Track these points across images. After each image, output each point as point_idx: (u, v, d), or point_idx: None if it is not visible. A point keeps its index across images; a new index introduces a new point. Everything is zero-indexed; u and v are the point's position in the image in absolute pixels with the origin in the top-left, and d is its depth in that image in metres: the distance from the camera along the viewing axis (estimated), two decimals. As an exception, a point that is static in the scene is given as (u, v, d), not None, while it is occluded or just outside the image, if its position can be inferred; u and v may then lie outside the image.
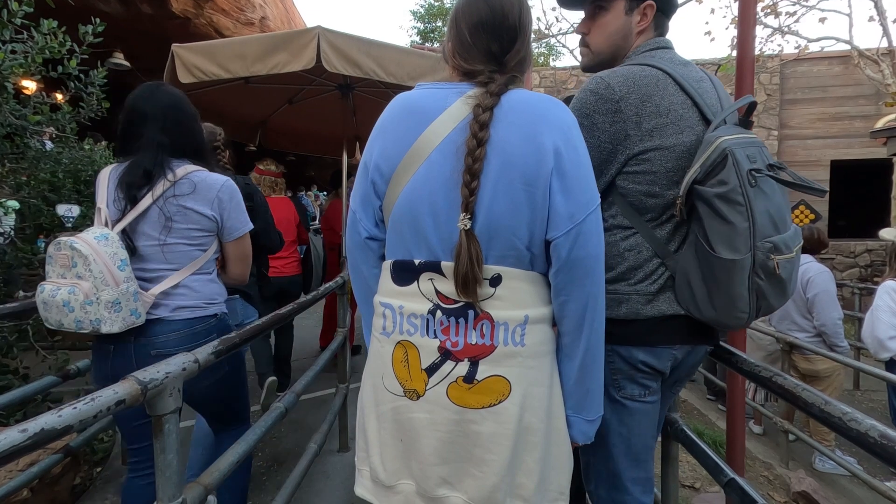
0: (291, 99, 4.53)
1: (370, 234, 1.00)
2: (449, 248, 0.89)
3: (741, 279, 0.98)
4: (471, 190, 0.86)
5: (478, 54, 0.93)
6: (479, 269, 0.86)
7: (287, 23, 8.31)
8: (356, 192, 1.00)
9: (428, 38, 18.92)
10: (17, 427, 0.67)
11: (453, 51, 0.97)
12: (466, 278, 0.86)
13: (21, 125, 2.55)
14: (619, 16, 1.19)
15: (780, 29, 8.62)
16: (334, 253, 4.18)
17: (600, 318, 0.93)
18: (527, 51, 0.97)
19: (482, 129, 0.86)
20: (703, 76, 1.13)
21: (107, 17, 3.45)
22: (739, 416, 1.72)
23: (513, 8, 0.93)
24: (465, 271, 0.85)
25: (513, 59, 0.94)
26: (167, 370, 0.95)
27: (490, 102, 0.88)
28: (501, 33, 0.93)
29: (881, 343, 2.91)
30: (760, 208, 0.96)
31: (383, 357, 0.96)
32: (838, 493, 3.05)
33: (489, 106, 0.87)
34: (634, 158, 1.06)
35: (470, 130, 0.87)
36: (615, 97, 1.04)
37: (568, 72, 10.86)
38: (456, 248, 0.87)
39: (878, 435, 0.73)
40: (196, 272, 1.46)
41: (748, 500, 1.13)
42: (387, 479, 0.96)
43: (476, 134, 0.86)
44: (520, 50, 0.95)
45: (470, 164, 0.86)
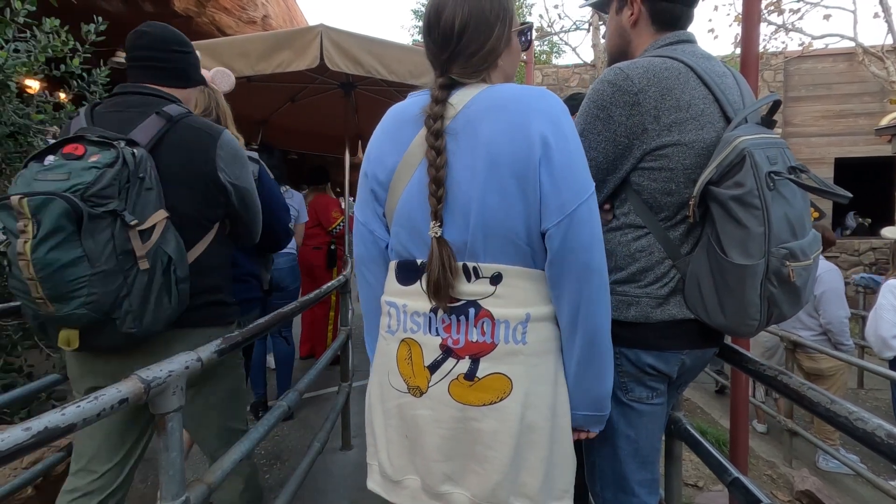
0: (293, 97, 4.53)
1: (385, 241, 1.02)
2: None
3: (753, 286, 0.94)
4: (438, 198, 0.88)
5: (431, 59, 0.96)
6: (451, 275, 0.88)
7: (289, 21, 8.30)
8: (363, 208, 1.01)
9: (430, 36, 18.82)
10: (21, 425, 0.67)
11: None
12: (438, 285, 0.87)
13: (24, 124, 2.55)
14: (613, 15, 1.20)
15: (784, 26, 8.57)
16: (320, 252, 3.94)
17: (598, 314, 0.90)
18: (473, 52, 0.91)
19: (437, 139, 0.88)
20: (726, 71, 1.09)
21: (109, 15, 3.46)
22: (743, 414, 1.71)
23: (444, 10, 0.91)
24: (436, 278, 0.87)
25: (445, 63, 0.93)
26: (170, 369, 0.95)
27: (438, 110, 0.89)
28: (438, 38, 0.93)
29: (885, 342, 2.92)
30: (778, 213, 0.92)
31: (388, 354, 0.97)
32: (842, 491, 3.04)
33: (439, 114, 0.88)
34: (651, 154, 1.02)
35: (427, 142, 0.89)
36: (634, 89, 1.00)
37: (570, 69, 10.83)
38: (428, 256, 0.89)
39: (885, 434, 0.72)
40: None
41: (752, 498, 1.12)
42: (394, 475, 0.98)
43: (432, 144, 0.88)
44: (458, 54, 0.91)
45: (433, 173, 0.87)
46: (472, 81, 0.93)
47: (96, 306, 1.04)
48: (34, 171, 1.05)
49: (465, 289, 0.90)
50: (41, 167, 1.05)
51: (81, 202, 1.01)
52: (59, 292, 1.01)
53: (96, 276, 1.03)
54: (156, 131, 1.22)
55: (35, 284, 0.99)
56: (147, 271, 1.11)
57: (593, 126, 1.05)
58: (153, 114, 1.24)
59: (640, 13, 1.14)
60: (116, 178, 1.06)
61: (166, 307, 1.16)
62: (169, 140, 1.24)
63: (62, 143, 1.09)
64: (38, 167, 1.05)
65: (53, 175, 1.03)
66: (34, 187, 1.01)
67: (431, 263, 0.88)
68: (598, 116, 1.04)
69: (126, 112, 1.26)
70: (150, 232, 1.12)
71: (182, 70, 1.39)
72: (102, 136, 1.10)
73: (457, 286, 0.90)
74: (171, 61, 1.36)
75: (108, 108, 1.28)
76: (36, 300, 1.02)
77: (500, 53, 0.95)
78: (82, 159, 1.06)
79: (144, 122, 1.22)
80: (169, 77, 1.36)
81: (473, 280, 0.90)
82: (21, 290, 1.03)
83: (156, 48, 1.33)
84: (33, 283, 1.00)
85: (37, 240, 0.98)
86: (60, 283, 1.00)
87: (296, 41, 2.93)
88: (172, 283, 1.17)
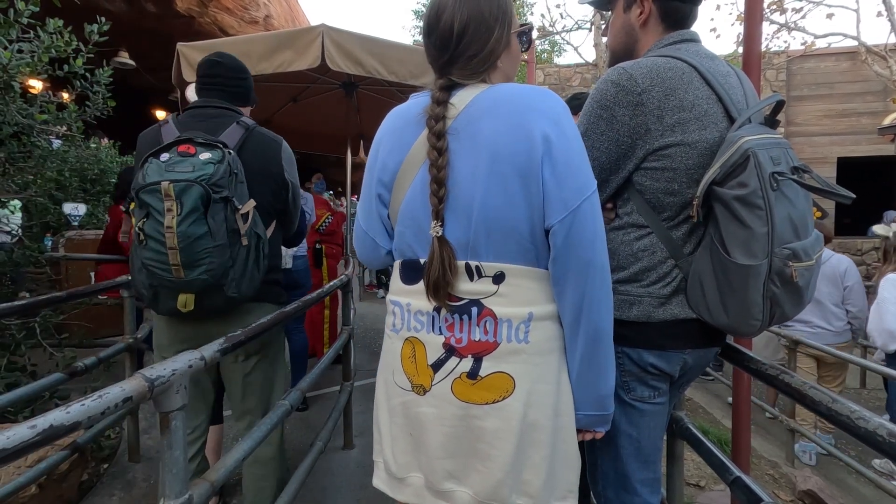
0: (295, 97, 4.54)
1: (389, 249, 1.04)
2: None
3: (756, 286, 0.94)
4: (439, 198, 0.89)
5: (431, 62, 0.98)
6: (451, 275, 0.88)
7: (291, 21, 8.31)
8: (366, 213, 1.02)
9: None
10: (26, 423, 0.68)
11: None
12: (437, 284, 0.88)
13: (28, 124, 2.56)
14: (619, 13, 1.19)
15: (787, 25, 8.55)
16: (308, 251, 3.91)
17: (601, 310, 0.90)
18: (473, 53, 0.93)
19: (439, 139, 0.89)
20: (730, 71, 1.09)
21: (112, 15, 3.47)
22: (745, 414, 1.71)
23: (444, 13, 0.92)
24: (436, 277, 0.88)
25: (445, 65, 0.94)
26: (174, 367, 0.95)
27: (439, 112, 0.90)
28: (437, 41, 0.94)
29: (892, 334, 2.93)
30: (781, 213, 0.92)
31: (393, 353, 0.98)
32: (844, 491, 3.04)
33: (440, 115, 0.90)
34: (654, 154, 1.02)
35: (428, 142, 0.90)
36: (637, 89, 1.00)
37: (572, 69, 10.82)
38: (428, 255, 0.90)
39: (887, 433, 0.72)
40: None
41: (754, 498, 1.12)
42: (398, 472, 0.99)
43: (434, 145, 0.89)
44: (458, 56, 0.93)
45: (435, 173, 0.89)
46: (472, 82, 0.93)
47: (214, 273, 1.30)
48: (161, 164, 1.28)
49: (468, 288, 0.90)
50: (165, 161, 1.28)
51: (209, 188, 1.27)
52: (190, 259, 1.26)
53: (217, 248, 1.30)
54: (239, 137, 1.51)
55: (175, 253, 1.25)
56: (246, 247, 1.39)
57: (596, 126, 1.05)
58: (234, 123, 1.53)
59: (650, 12, 1.13)
60: (225, 172, 1.32)
61: (256, 278, 1.45)
62: (248, 145, 1.53)
63: (174, 144, 1.33)
64: (162, 162, 1.28)
65: (181, 167, 1.27)
66: (168, 177, 1.26)
67: (432, 263, 0.89)
68: (602, 116, 1.04)
69: (208, 122, 1.52)
70: (247, 216, 1.38)
71: (246, 92, 1.70)
72: (206, 138, 1.36)
73: (459, 285, 0.90)
74: (239, 86, 1.66)
75: (190, 118, 1.53)
76: (172, 266, 1.26)
77: (499, 55, 0.96)
78: (195, 156, 1.30)
79: (228, 129, 1.51)
80: (235, 98, 1.65)
81: (476, 279, 0.90)
82: (157, 261, 1.26)
83: (227, 75, 1.63)
84: (174, 252, 1.24)
85: (181, 216, 1.24)
86: (192, 252, 1.26)
87: (297, 41, 2.94)
88: (261, 258, 1.46)
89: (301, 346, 3.33)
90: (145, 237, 1.24)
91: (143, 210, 1.26)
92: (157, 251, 1.25)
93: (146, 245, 1.25)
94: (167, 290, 1.33)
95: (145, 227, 1.25)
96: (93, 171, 4.48)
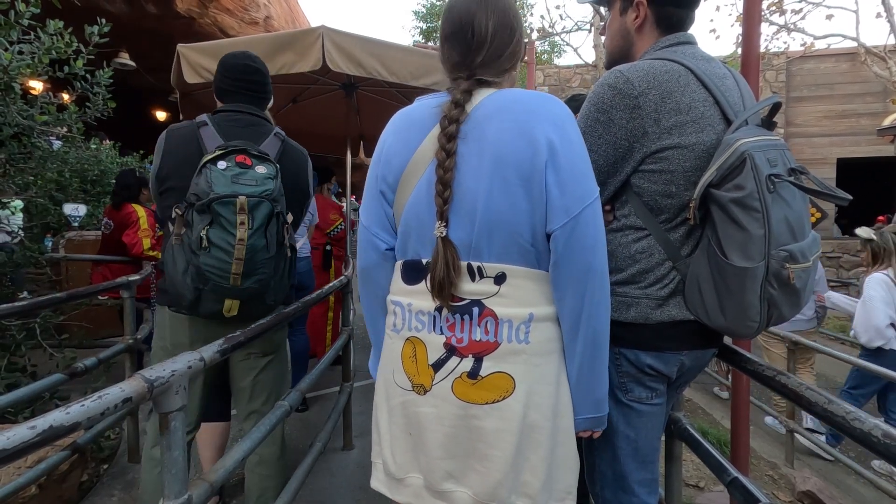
0: (295, 98, 4.54)
1: (390, 246, 1.02)
2: None
3: (753, 288, 0.94)
4: (444, 199, 0.89)
5: (448, 62, 0.99)
6: (455, 275, 0.89)
7: (291, 22, 8.32)
8: (368, 210, 1.02)
9: (430, 37, 18.88)
10: (25, 424, 0.68)
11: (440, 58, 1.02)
12: (442, 284, 0.89)
13: (28, 125, 2.57)
14: (616, 16, 1.20)
15: (787, 26, 8.56)
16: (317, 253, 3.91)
17: (600, 315, 0.91)
18: (499, 56, 0.96)
19: (449, 141, 0.89)
20: (727, 73, 1.09)
21: (112, 17, 3.48)
22: (744, 415, 1.71)
23: (475, 17, 0.94)
24: (440, 277, 0.88)
25: (477, 66, 0.96)
26: (173, 368, 0.95)
27: (456, 114, 0.90)
28: (465, 42, 0.95)
29: (880, 331, 3.09)
30: (778, 215, 0.93)
31: (394, 353, 0.99)
32: (844, 492, 3.04)
33: (455, 117, 0.90)
34: (651, 156, 1.02)
35: (438, 143, 0.90)
36: (634, 92, 1.00)
37: (572, 70, 10.83)
38: (433, 255, 0.90)
39: (882, 434, 0.73)
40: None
41: (752, 499, 1.12)
42: (397, 472, 0.99)
43: (444, 146, 0.89)
44: (490, 57, 0.95)
45: (441, 174, 0.89)
46: (499, 81, 0.96)
47: (263, 282, 1.37)
48: (225, 174, 1.32)
49: (470, 288, 0.91)
50: (225, 171, 1.33)
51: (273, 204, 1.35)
52: (249, 269, 1.33)
53: (270, 259, 1.37)
54: (277, 149, 1.57)
55: (240, 263, 1.31)
56: (287, 258, 1.46)
57: (594, 129, 1.05)
58: (272, 134, 1.58)
59: (645, 16, 1.14)
60: (279, 187, 1.39)
61: (287, 286, 1.52)
62: (284, 158, 1.59)
63: (232, 153, 1.37)
64: (223, 171, 1.33)
65: (245, 180, 1.33)
66: (237, 189, 1.31)
67: (436, 263, 0.89)
68: (599, 119, 1.05)
69: (246, 129, 1.56)
70: (289, 228, 1.46)
71: (269, 97, 1.73)
72: (259, 151, 1.42)
73: (461, 285, 0.91)
74: (268, 91, 1.71)
75: (230, 123, 1.56)
76: (233, 275, 1.32)
77: (520, 56, 1.00)
78: (252, 169, 1.36)
79: (267, 140, 1.56)
80: (263, 101, 1.69)
81: (478, 279, 0.91)
82: (219, 268, 1.31)
83: (261, 81, 1.67)
84: (239, 262, 1.31)
85: (253, 230, 1.31)
86: (253, 262, 1.33)
87: (298, 43, 2.94)
88: (293, 268, 1.54)
89: (302, 346, 3.34)
90: (209, 244, 1.29)
91: (207, 217, 1.29)
92: (222, 259, 1.30)
93: (209, 252, 1.30)
94: (215, 295, 1.37)
95: (210, 234, 1.29)
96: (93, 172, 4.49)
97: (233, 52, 1.66)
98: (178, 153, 1.49)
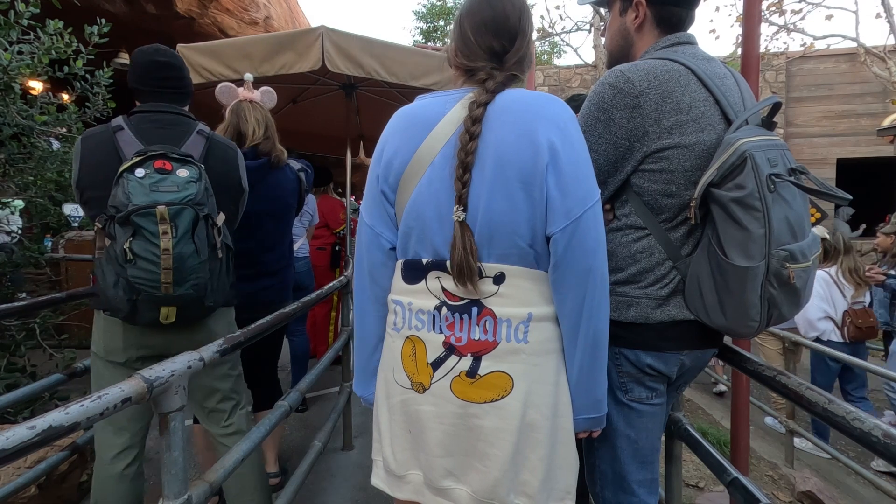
0: (295, 99, 4.54)
1: (394, 244, 1.01)
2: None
3: (753, 287, 0.94)
4: (463, 182, 0.88)
5: (480, 52, 0.96)
6: (473, 259, 0.88)
7: (291, 22, 8.32)
8: (370, 209, 1.01)
9: (430, 37, 18.90)
10: (25, 424, 0.68)
11: (456, 50, 0.99)
12: (461, 268, 0.88)
13: (28, 125, 2.56)
14: (615, 17, 1.20)
15: (786, 26, 8.57)
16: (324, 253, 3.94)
17: (600, 318, 0.91)
18: (526, 51, 0.99)
19: (474, 124, 0.88)
20: (727, 73, 1.09)
21: (112, 16, 3.48)
22: (744, 415, 1.71)
23: (514, 10, 0.95)
24: (459, 261, 0.88)
25: (512, 58, 0.96)
26: (172, 368, 0.96)
27: (485, 98, 0.90)
28: (503, 33, 0.95)
29: (811, 322, 3.47)
30: (778, 215, 0.93)
31: (393, 351, 0.99)
32: (844, 492, 3.04)
33: (483, 102, 0.90)
34: (652, 156, 1.02)
35: (463, 125, 0.90)
36: (634, 92, 1.01)
37: (572, 70, 10.82)
38: (451, 240, 0.89)
39: (882, 434, 0.73)
40: None
41: (752, 499, 1.12)
42: (397, 469, 0.99)
43: (468, 128, 0.89)
44: (519, 49, 0.97)
45: (462, 157, 0.88)
46: (522, 80, 0.98)
47: (199, 287, 1.34)
48: (142, 183, 1.28)
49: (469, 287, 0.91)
50: (143, 179, 1.28)
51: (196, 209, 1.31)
52: (181, 277, 1.30)
53: (201, 264, 1.33)
54: (202, 147, 1.52)
55: (169, 272, 1.27)
56: (221, 259, 1.42)
57: (594, 128, 1.06)
58: (194, 132, 1.52)
59: (645, 16, 1.14)
60: (204, 190, 1.35)
61: (227, 286, 1.49)
62: (211, 155, 1.53)
63: (149, 158, 1.32)
64: (142, 179, 1.28)
65: (165, 187, 1.29)
66: (156, 198, 1.27)
67: (455, 247, 0.88)
68: (599, 119, 1.05)
69: (166, 130, 1.49)
70: (220, 229, 1.41)
71: (191, 91, 1.64)
72: (179, 153, 1.36)
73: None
74: (188, 86, 1.62)
75: (148, 125, 1.49)
76: (163, 284, 1.28)
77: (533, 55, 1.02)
78: (173, 173, 1.31)
79: (189, 139, 1.50)
80: (184, 99, 1.61)
81: (477, 279, 0.91)
82: (146, 279, 1.27)
83: (178, 76, 1.58)
84: (168, 272, 1.27)
85: (177, 239, 1.27)
86: (184, 270, 1.30)
87: (298, 43, 2.94)
88: (231, 267, 1.50)
89: (302, 347, 3.33)
90: (134, 257, 1.25)
91: (129, 229, 1.25)
92: (150, 270, 1.26)
93: (135, 264, 1.26)
94: (149, 304, 1.33)
95: (134, 246, 1.25)
96: (93, 172, 4.47)
97: (142, 48, 1.54)
98: (94, 161, 1.41)
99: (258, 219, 1.96)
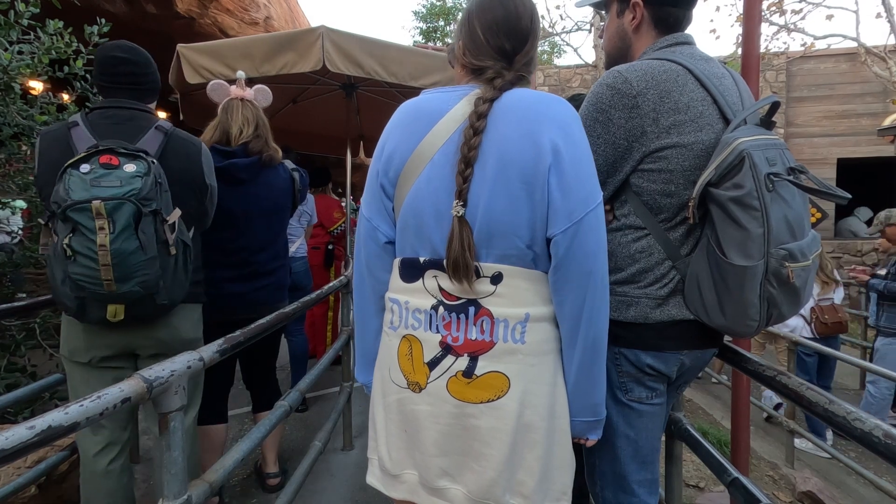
0: (295, 98, 4.54)
1: (389, 238, 1.01)
2: None
3: (753, 287, 0.94)
4: (464, 177, 0.88)
5: (489, 51, 0.96)
6: (470, 256, 0.87)
7: (291, 23, 8.31)
8: (369, 202, 1.01)
9: (430, 37, 18.88)
10: (24, 424, 0.68)
11: (464, 48, 0.99)
12: (457, 264, 0.87)
13: (28, 125, 2.56)
14: (613, 18, 1.20)
15: (787, 26, 8.57)
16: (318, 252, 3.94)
17: (600, 320, 0.91)
18: (534, 53, 0.99)
19: (479, 119, 0.88)
20: (725, 73, 1.09)
21: (112, 16, 3.48)
22: (744, 415, 1.71)
23: (526, 10, 0.95)
24: (455, 256, 0.87)
25: (522, 59, 0.96)
26: (172, 368, 0.95)
27: (492, 95, 0.89)
28: (514, 33, 0.95)
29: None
30: (777, 214, 0.92)
31: (390, 350, 0.98)
32: (844, 493, 3.04)
33: (490, 98, 0.89)
34: (650, 156, 1.02)
35: (468, 121, 0.89)
36: (633, 92, 1.01)
37: (572, 70, 10.82)
38: (448, 235, 0.89)
39: (883, 434, 0.72)
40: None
41: (752, 499, 1.12)
42: (392, 469, 0.99)
43: (473, 123, 0.88)
44: (529, 51, 0.97)
45: (465, 152, 0.88)
46: (529, 81, 0.97)
47: (146, 284, 1.31)
48: (84, 178, 1.24)
49: (466, 287, 0.90)
50: (87, 174, 1.25)
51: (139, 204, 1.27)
52: (124, 274, 1.26)
53: (148, 260, 1.29)
54: (159, 143, 1.48)
55: (108, 269, 1.24)
56: (174, 256, 1.39)
57: (592, 129, 1.05)
58: (152, 127, 1.49)
59: (642, 17, 1.14)
60: (152, 184, 1.31)
61: (184, 283, 1.45)
62: (169, 151, 1.50)
63: (95, 154, 1.29)
64: (84, 174, 1.25)
65: (107, 182, 1.25)
66: (96, 193, 1.23)
67: (452, 243, 0.88)
68: (598, 119, 1.05)
69: (123, 125, 1.47)
70: (174, 225, 1.38)
71: (157, 86, 1.61)
72: (128, 148, 1.33)
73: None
74: (152, 81, 1.58)
75: (103, 120, 1.46)
76: (104, 281, 1.25)
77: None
78: (119, 168, 1.28)
79: (147, 135, 1.47)
80: (146, 95, 1.58)
81: (474, 279, 0.90)
82: (87, 276, 1.24)
83: (138, 72, 1.54)
84: (107, 268, 1.24)
85: (114, 234, 1.23)
86: (126, 267, 1.26)
87: (298, 43, 2.94)
88: (188, 264, 1.46)
89: (301, 347, 3.33)
90: (74, 253, 1.23)
91: (69, 225, 1.23)
92: (89, 267, 1.24)
93: (75, 261, 1.23)
94: (96, 302, 1.32)
95: (73, 243, 1.23)
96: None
97: (104, 44, 1.53)
98: (50, 158, 1.40)
99: (249, 218, 1.94)
